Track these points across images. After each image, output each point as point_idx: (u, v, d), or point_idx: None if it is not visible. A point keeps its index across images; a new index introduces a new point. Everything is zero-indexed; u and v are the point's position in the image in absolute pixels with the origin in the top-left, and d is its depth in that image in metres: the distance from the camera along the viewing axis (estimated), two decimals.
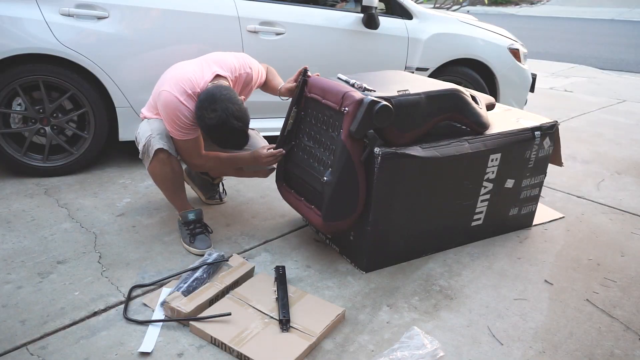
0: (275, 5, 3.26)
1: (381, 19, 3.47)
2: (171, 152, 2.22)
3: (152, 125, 2.27)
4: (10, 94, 2.84)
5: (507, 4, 19.75)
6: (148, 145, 2.22)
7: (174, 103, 2.11)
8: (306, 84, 2.30)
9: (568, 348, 1.83)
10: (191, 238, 2.32)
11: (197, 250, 2.30)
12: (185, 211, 2.36)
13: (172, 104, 2.12)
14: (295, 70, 2.38)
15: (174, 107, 2.12)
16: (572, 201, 3.08)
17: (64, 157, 3.03)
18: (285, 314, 1.83)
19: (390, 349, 1.73)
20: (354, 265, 2.27)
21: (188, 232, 2.34)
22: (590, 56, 9.46)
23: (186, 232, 2.35)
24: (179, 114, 2.12)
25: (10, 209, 2.61)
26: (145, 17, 2.96)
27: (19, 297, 1.94)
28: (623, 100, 5.96)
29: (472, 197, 2.39)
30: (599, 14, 16.54)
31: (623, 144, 4.27)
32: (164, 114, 2.17)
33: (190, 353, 1.71)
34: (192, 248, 2.31)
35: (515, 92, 4.02)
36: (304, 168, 2.26)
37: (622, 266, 2.39)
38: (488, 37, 3.88)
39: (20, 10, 2.73)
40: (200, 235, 2.34)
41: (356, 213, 2.11)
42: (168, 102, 2.12)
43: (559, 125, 2.58)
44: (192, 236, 2.33)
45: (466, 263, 2.35)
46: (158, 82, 2.27)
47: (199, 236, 2.33)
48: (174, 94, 2.11)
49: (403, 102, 2.06)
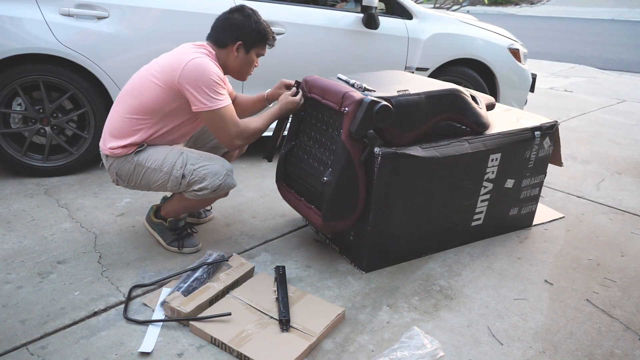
0: (275, 5, 3.26)
1: (381, 19, 3.47)
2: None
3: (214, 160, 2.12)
4: (11, 94, 2.84)
5: (507, 4, 19.75)
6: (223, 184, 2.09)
7: (204, 63, 1.98)
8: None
9: (568, 348, 1.83)
10: (180, 242, 2.30)
11: (192, 249, 2.30)
12: (177, 218, 2.31)
13: (204, 65, 1.98)
14: (295, 70, 2.38)
15: (207, 68, 1.98)
16: (572, 201, 3.08)
17: (64, 157, 3.03)
18: (285, 314, 1.83)
19: (390, 349, 1.73)
20: (354, 265, 2.27)
21: (175, 236, 2.31)
22: (590, 56, 9.46)
23: (173, 237, 2.31)
24: (214, 73, 1.99)
25: (10, 209, 2.62)
26: (145, 17, 2.96)
27: (19, 297, 1.94)
28: (623, 100, 5.97)
29: (472, 197, 2.39)
30: (599, 14, 16.54)
31: (623, 144, 4.27)
32: (200, 81, 1.96)
33: (190, 353, 1.71)
34: (185, 249, 2.30)
35: (515, 92, 4.02)
36: (304, 168, 2.26)
37: (622, 266, 2.39)
38: (488, 37, 3.88)
39: (20, 10, 2.73)
40: (186, 237, 2.33)
41: (356, 213, 2.11)
42: (198, 65, 1.98)
43: (558, 125, 2.58)
44: (180, 239, 2.31)
45: (466, 263, 2.35)
46: (141, 85, 2.09)
47: (185, 239, 2.32)
48: (200, 56, 2.00)
49: (403, 102, 2.06)
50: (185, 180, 2.08)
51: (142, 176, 2.13)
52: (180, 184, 2.10)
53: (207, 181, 2.07)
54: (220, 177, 2.08)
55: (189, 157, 2.11)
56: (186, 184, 2.09)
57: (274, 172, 2.57)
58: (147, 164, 2.10)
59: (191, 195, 2.12)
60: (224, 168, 2.11)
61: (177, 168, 2.08)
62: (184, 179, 2.08)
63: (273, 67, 3.24)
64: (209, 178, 2.07)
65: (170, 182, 2.11)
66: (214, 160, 2.13)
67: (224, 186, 2.11)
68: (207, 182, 2.07)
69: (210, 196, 2.13)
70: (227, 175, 2.10)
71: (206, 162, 2.10)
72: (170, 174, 2.09)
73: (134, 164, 2.11)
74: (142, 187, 2.18)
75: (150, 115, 2.09)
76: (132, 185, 2.19)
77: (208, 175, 2.07)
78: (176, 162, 2.09)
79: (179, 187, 2.11)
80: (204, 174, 2.08)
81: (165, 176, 2.10)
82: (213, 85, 1.99)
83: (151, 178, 2.12)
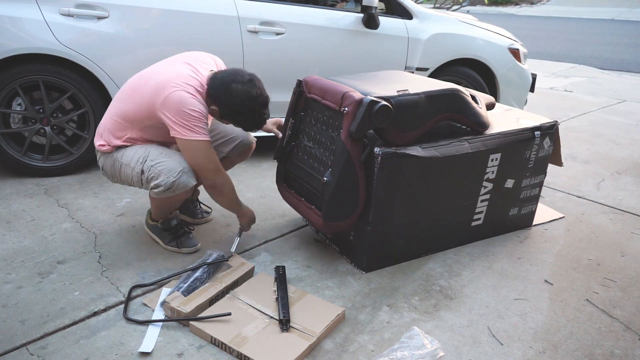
0: (275, 5, 3.26)
1: (381, 19, 3.47)
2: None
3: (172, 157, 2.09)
4: (11, 94, 2.84)
5: (507, 4, 19.75)
6: (178, 181, 2.05)
7: (187, 98, 1.96)
8: (300, 96, 2.30)
9: (568, 348, 1.83)
10: (177, 241, 2.31)
11: (191, 249, 2.31)
12: (167, 219, 2.31)
13: (186, 100, 1.96)
14: (295, 70, 2.37)
15: (188, 103, 1.96)
16: (572, 201, 3.08)
17: (64, 157, 3.03)
18: (285, 314, 1.83)
19: (390, 349, 1.73)
20: (354, 265, 2.27)
21: (172, 236, 2.31)
22: (590, 56, 9.46)
23: (170, 237, 2.31)
24: (195, 109, 1.97)
25: (10, 209, 2.62)
26: (145, 17, 2.96)
27: (19, 297, 1.94)
28: (623, 100, 5.97)
29: (472, 197, 2.39)
30: (599, 14, 16.53)
31: (623, 144, 4.27)
32: (178, 114, 1.96)
33: (190, 353, 1.71)
34: (184, 249, 2.30)
35: (515, 92, 4.02)
36: (304, 168, 2.26)
37: (622, 266, 2.39)
38: (488, 37, 3.88)
39: (20, 10, 2.73)
40: (184, 235, 2.34)
41: (356, 213, 2.11)
42: (181, 98, 1.96)
43: (558, 125, 2.58)
44: (175, 238, 2.31)
45: (466, 263, 2.35)
46: (132, 93, 2.10)
47: (182, 237, 2.33)
48: (186, 91, 1.98)
49: (403, 102, 2.06)
50: (144, 176, 2.09)
51: (119, 171, 2.17)
52: (141, 180, 2.11)
53: (161, 178, 2.05)
54: (175, 174, 2.04)
55: (150, 153, 2.11)
56: (145, 179, 2.10)
57: (274, 172, 2.58)
58: (122, 160, 2.15)
59: (152, 194, 2.13)
60: (180, 165, 2.06)
61: (138, 163, 2.10)
62: (143, 174, 2.09)
63: (273, 67, 3.25)
64: (163, 175, 2.05)
65: (133, 178, 2.14)
66: (173, 157, 2.09)
67: (179, 184, 2.05)
68: (162, 179, 2.05)
69: (167, 194, 2.09)
70: (182, 172, 2.05)
71: (164, 159, 2.08)
72: (134, 170, 2.12)
73: (113, 160, 2.17)
74: (124, 182, 2.22)
75: (131, 123, 2.11)
76: (116, 180, 2.24)
77: (162, 172, 2.05)
78: (139, 157, 2.11)
79: (142, 183, 2.13)
80: (159, 170, 2.06)
81: (132, 172, 2.13)
82: (192, 118, 1.97)
83: (124, 173, 2.16)
